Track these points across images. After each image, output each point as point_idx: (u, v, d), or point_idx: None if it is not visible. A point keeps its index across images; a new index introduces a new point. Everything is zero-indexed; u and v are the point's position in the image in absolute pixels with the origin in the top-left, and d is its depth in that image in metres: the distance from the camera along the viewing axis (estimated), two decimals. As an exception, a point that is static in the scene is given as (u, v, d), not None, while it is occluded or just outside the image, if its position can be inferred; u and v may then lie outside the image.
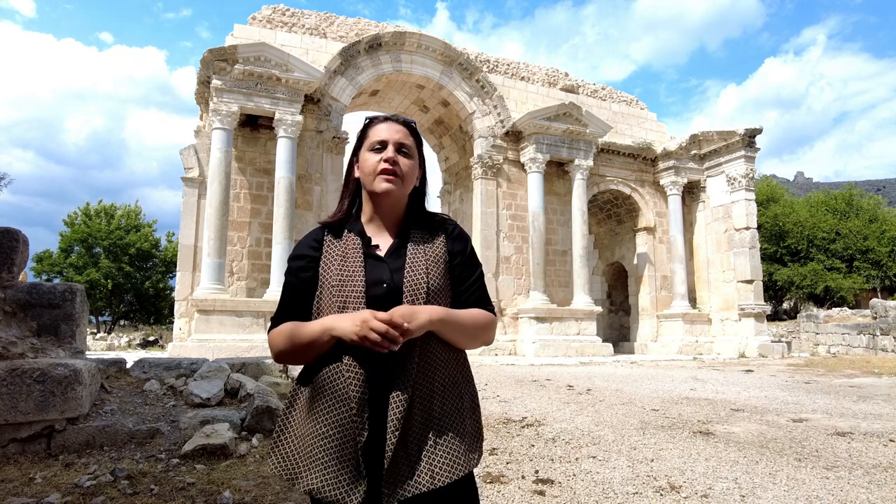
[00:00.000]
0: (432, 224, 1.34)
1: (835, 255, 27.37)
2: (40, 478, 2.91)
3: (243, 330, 11.86)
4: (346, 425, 1.15)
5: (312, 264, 1.27)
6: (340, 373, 1.17)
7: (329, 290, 1.23)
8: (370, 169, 1.27)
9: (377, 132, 1.29)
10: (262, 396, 4.21)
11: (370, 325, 1.10)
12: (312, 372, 1.23)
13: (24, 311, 4.04)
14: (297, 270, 1.28)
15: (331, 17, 15.28)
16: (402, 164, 1.27)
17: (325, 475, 1.14)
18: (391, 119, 1.31)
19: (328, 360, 1.20)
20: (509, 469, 3.51)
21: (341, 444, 1.14)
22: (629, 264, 18.67)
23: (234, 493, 2.80)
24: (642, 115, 18.94)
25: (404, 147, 1.29)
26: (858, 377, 9.41)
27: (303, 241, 1.33)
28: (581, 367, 11.26)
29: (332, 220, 1.32)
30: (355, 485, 1.13)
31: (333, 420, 1.16)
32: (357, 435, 1.14)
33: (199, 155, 13.32)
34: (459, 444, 1.20)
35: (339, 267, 1.24)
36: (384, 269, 1.25)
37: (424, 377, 1.19)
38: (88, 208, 29.18)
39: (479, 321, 1.27)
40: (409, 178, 1.29)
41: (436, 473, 1.15)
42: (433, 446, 1.17)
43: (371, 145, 1.29)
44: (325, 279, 1.24)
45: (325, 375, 1.19)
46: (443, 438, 1.18)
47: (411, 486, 1.13)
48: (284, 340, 1.21)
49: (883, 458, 3.75)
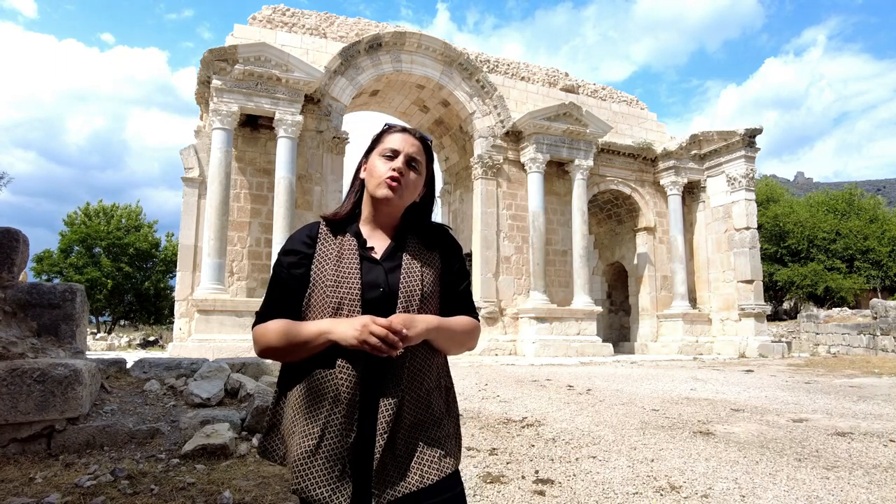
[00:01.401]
0: (429, 232, 1.36)
1: (835, 256, 27.36)
2: (40, 478, 2.91)
3: (243, 330, 11.86)
4: (336, 426, 1.16)
5: (305, 261, 1.27)
6: (333, 374, 1.18)
7: (322, 289, 1.22)
8: (377, 174, 1.28)
9: (392, 140, 1.30)
10: (262, 396, 4.21)
11: (371, 330, 1.11)
12: (301, 371, 1.23)
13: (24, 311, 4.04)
14: (290, 266, 1.27)
15: (331, 18, 15.29)
16: (408, 177, 1.28)
17: (312, 476, 1.15)
18: (409, 131, 1.33)
19: (319, 360, 1.20)
20: (509, 469, 3.50)
21: (330, 444, 1.15)
22: (629, 264, 18.67)
23: (235, 493, 2.80)
24: (642, 115, 18.94)
25: (414, 161, 1.30)
26: (858, 377, 9.41)
27: (295, 235, 1.32)
28: (581, 367, 11.25)
29: (334, 217, 1.33)
30: (341, 485, 1.14)
31: (323, 420, 1.17)
32: (345, 436, 1.16)
33: (200, 155, 13.32)
34: (445, 444, 1.24)
35: (335, 267, 1.24)
36: (380, 272, 1.26)
37: (413, 381, 1.22)
38: (88, 208, 29.18)
39: (467, 328, 1.32)
40: (411, 192, 1.31)
41: (424, 473, 1.18)
42: (421, 447, 1.20)
43: (383, 151, 1.30)
44: (319, 278, 1.24)
45: (317, 377, 1.20)
46: (429, 439, 1.22)
47: (401, 486, 1.16)
48: (277, 338, 1.20)
49: (883, 458, 3.75)
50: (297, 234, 1.32)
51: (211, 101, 12.59)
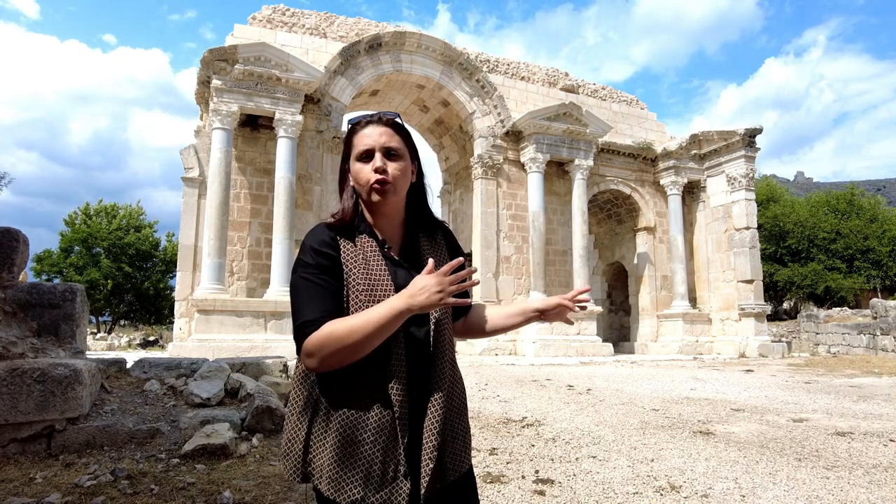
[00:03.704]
0: (433, 226, 1.36)
1: (835, 255, 27.35)
2: (40, 478, 2.91)
3: (243, 330, 11.86)
4: (386, 429, 1.14)
5: (336, 264, 1.21)
6: (382, 374, 1.15)
7: (356, 294, 1.18)
8: (363, 181, 1.23)
9: (362, 140, 1.25)
10: (262, 396, 4.21)
11: (450, 280, 1.11)
12: (343, 376, 1.17)
13: (24, 311, 4.04)
14: (324, 270, 1.19)
15: (331, 17, 15.29)
16: (392, 169, 1.23)
17: (367, 483, 1.12)
18: (373, 121, 1.26)
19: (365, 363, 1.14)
20: (509, 469, 3.50)
21: (380, 448, 1.13)
22: (629, 264, 18.67)
23: (235, 493, 2.80)
24: (642, 115, 18.94)
25: (392, 150, 1.24)
26: (858, 377, 9.41)
27: (316, 238, 1.22)
28: (581, 367, 11.25)
29: (337, 223, 1.25)
30: (396, 486, 1.13)
31: (371, 425, 1.14)
32: (401, 437, 1.14)
33: (200, 155, 13.32)
34: (465, 437, 1.28)
35: (364, 271, 1.20)
36: (405, 273, 1.25)
37: (449, 374, 1.24)
38: (88, 208, 29.18)
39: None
40: (402, 181, 1.26)
41: (456, 465, 1.21)
42: (451, 440, 1.22)
43: (358, 155, 1.25)
44: (351, 283, 1.19)
45: (366, 378, 1.15)
46: (456, 432, 1.24)
47: (443, 478, 1.18)
48: (351, 334, 1.09)
49: (883, 458, 3.75)
50: (316, 236, 1.23)
51: (211, 101, 12.59)
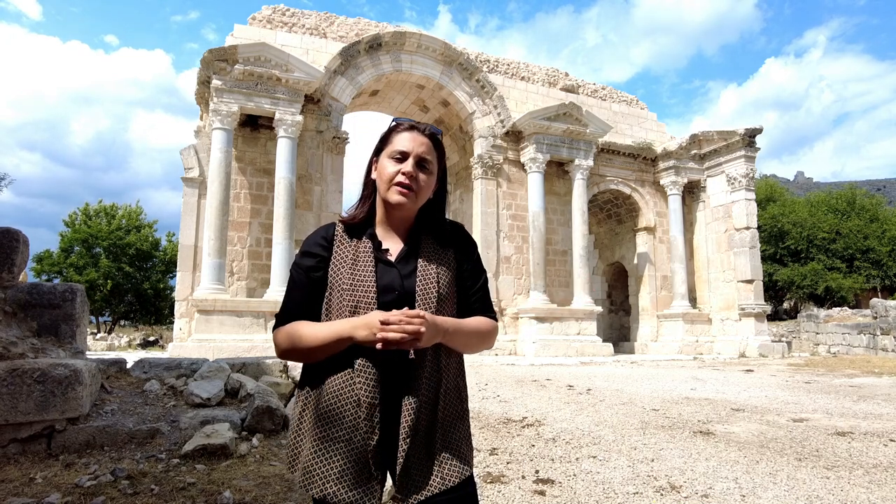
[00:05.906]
0: (443, 231, 1.34)
1: (835, 255, 27.35)
2: (41, 478, 2.90)
3: (243, 330, 11.86)
4: (358, 429, 1.15)
5: (322, 264, 1.26)
6: (353, 376, 1.17)
7: (339, 293, 1.22)
8: (387, 177, 1.25)
9: (400, 141, 1.26)
10: (262, 396, 4.21)
11: (385, 319, 1.10)
12: (321, 372, 1.22)
13: (24, 311, 4.04)
14: (308, 269, 1.26)
15: (331, 17, 15.29)
16: (420, 180, 1.25)
17: (340, 480, 1.14)
18: (417, 129, 1.28)
19: (339, 361, 1.19)
20: (509, 469, 3.50)
21: (353, 448, 1.15)
22: (629, 264, 18.67)
23: (235, 493, 2.80)
24: (642, 115, 18.94)
25: (425, 162, 1.26)
26: (859, 377, 9.41)
27: (312, 237, 1.30)
28: (581, 367, 11.25)
29: (351, 220, 1.30)
30: (370, 488, 1.14)
31: (346, 424, 1.16)
32: (368, 438, 1.15)
33: (200, 155, 13.32)
34: (462, 446, 1.24)
35: (350, 270, 1.23)
36: (395, 275, 1.25)
37: (432, 383, 1.21)
38: (88, 208, 29.18)
39: (482, 329, 1.30)
40: (424, 193, 1.28)
41: (445, 475, 1.17)
42: (441, 449, 1.19)
43: (391, 153, 1.25)
44: (336, 282, 1.23)
45: (337, 379, 1.19)
46: (449, 441, 1.21)
47: (425, 489, 1.15)
48: (296, 340, 1.20)
49: (883, 458, 3.75)
50: (313, 235, 1.30)
51: (211, 101, 12.59)
